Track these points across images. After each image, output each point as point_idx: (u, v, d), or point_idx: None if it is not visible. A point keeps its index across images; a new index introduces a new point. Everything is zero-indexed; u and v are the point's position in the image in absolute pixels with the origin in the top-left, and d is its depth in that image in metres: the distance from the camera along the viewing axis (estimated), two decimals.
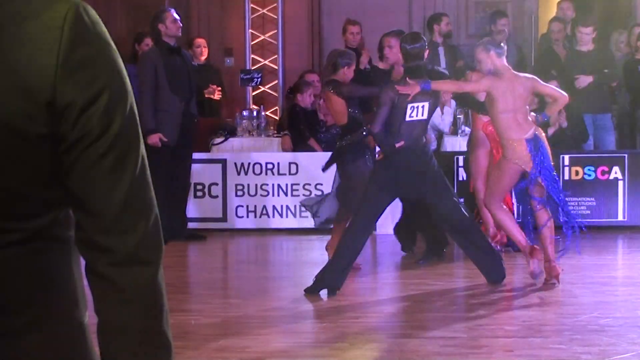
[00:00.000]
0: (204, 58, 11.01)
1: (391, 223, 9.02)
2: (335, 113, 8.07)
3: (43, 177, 1.58)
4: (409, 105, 7.18)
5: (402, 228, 8.76)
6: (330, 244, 8.03)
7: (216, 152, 10.57)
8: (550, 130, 8.32)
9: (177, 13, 9.44)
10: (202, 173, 10.09)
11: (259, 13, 12.56)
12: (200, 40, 11.16)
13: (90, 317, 1.71)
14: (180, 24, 9.37)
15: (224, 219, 10.19)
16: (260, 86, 12.17)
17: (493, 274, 7.34)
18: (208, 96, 10.09)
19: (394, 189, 7.36)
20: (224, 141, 10.71)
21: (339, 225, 7.93)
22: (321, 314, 6.70)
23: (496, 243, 8.38)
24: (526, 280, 7.57)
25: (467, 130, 9.75)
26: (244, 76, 11.59)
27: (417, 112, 7.23)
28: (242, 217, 10.19)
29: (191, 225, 9.87)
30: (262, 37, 12.52)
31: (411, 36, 7.45)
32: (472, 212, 8.23)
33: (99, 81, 1.55)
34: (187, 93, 9.34)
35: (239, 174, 10.17)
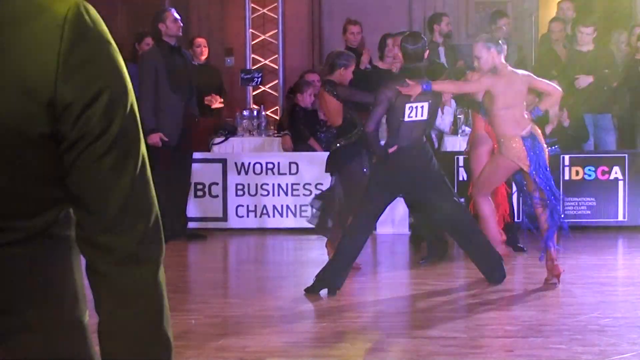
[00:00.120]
0: (204, 58, 11.00)
1: (391, 223, 9.00)
2: (329, 113, 8.03)
3: (43, 177, 1.58)
4: (407, 105, 7.15)
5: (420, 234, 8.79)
6: (329, 242, 8.01)
7: (216, 152, 10.57)
8: (548, 128, 8.29)
9: (178, 13, 9.43)
10: (203, 173, 10.09)
11: (259, 13, 12.56)
12: (201, 40, 11.15)
13: (91, 317, 1.71)
14: (181, 24, 9.36)
15: (224, 218, 10.19)
16: (261, 86, 12.17)
17: (493, 275, 7.34)
18: (207, 103, 10.09)
19: (394, 189, 7.35)
20: (224, 141, 10.71)
21: (339, 225, 7.91)
22: (321, 313, 6.69)
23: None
24: (526, 280, 7.56)
25: (467, 130, 9.74)
26: (244, 76, 11.60)
27: (417, 113, 7.20)
28: (242, 217, 10.18)
29: (191, 225, 9.86)
30: (263, 37, 12.52)
31: (412, 36, 7.42)
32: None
33: (99, 80, 1.54)
34: (188, 93, 9.33)
35: (239, 173, 10.16)
